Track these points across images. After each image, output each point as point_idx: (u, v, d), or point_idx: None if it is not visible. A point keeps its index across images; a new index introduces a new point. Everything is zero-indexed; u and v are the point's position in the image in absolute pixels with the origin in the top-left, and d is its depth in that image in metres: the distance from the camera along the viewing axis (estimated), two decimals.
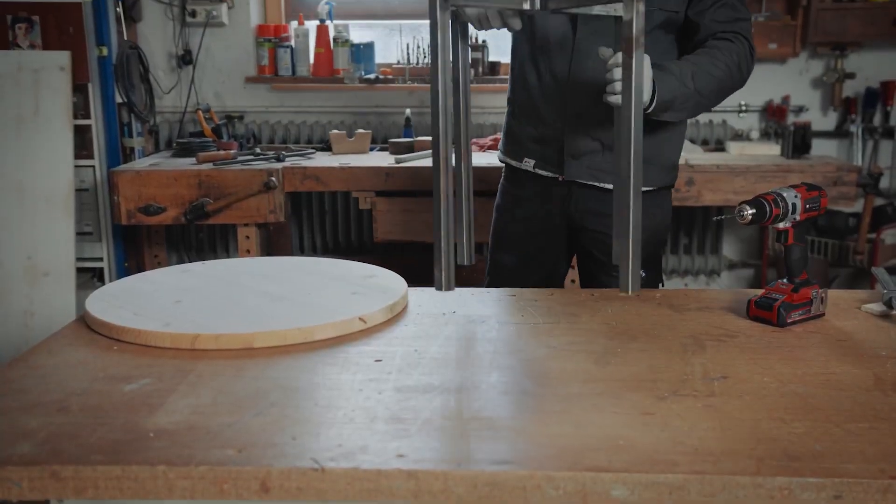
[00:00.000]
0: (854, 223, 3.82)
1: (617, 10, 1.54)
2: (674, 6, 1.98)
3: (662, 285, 2.22)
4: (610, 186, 2.06)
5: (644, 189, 2.06)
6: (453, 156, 1.64)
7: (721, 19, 1.97)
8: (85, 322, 1.49)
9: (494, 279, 2.25)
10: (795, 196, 1.53)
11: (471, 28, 1.88)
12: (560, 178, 2.11)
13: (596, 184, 2.08)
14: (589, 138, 2.05)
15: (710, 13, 1.97)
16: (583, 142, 2.06)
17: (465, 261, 1.76)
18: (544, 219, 2.16)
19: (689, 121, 4.00)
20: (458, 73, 1.70)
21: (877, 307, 1.59)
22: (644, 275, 2.06)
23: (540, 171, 2.13)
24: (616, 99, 1.69)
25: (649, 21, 1.91)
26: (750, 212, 1.50)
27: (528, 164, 2.14)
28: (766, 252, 4.08)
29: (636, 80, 1.41)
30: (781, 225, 1.55)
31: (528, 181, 2.15)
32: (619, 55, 1.60)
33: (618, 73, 1.68)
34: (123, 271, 3.79)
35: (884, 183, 3.98)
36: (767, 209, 1.50)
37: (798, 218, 1.54)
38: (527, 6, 1.60)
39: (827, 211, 3.55)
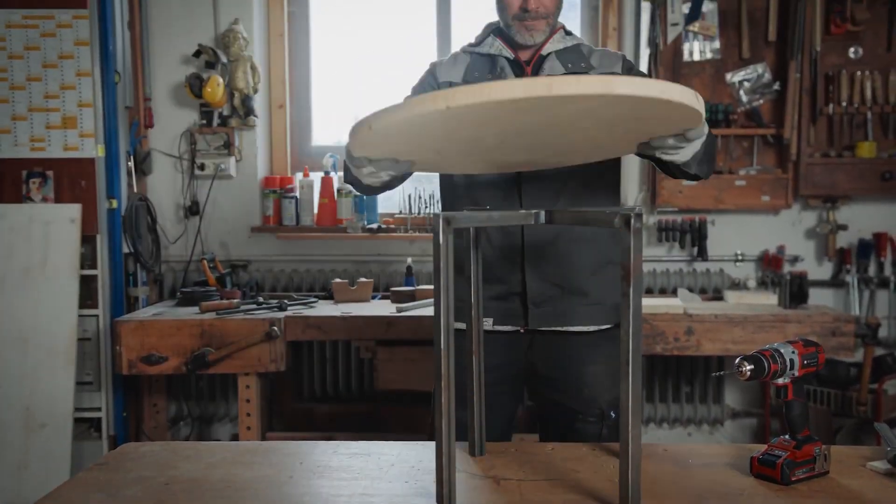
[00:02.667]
0: (855, 373, 3.81)
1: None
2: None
3: None
4: (574, 329, 2.08)
5: (602, 327, 2.10)
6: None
7: None
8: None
9: None
10: (793, 352, 1.55)
11: None
12: (521, 330, 2.11)
13: (559, 328, 2.09)
14: (549, 284, 2.07)
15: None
16: (544, 288, 2.07)
17: (476, 452, 1.73)
18: (502, 369, 2.11)
19: (686, 269, 4.10)
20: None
21: (882, 465, 1.57)
22: (613, 416, 2.06)
23: (500, 328, 2.11)
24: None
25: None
26: (749, 367, 1.52)
27: (487, 323, 2.10)
28: (768, 401, 4.06)
29: (634, 306, 1.42)
30: (780, 381, 1.56)
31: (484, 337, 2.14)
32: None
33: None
34: (122, 421, 3.76)
35: (882, 332, 4.00)
36: (766, 365, 1.52)
37: (796, 374, 1.55)
38: (530, 221, 1.66)
39: (827, 360, 3.56)
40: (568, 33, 2.15)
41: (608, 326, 2.11)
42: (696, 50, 4.03)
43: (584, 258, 2.08)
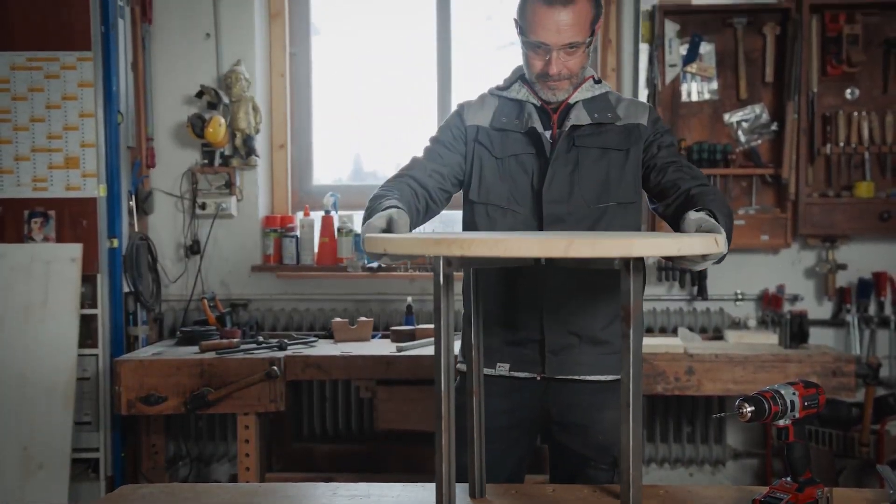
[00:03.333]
0: (857, 413, 3.79)
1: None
2: (630, 196, 2.08)
3: None
4: (591, 378, 2.07)
5: (618, 377, 2.08)
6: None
7: (687, 176, 2.02)
8: None
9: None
10: (793, 393, 1.55)
11: None
12: (538, 378, 2.10)
13: (576, 377, 2.08)
14: (566, 332, 2.07)
15: (671, 174, 2.03)
16: (561, 337, 2.07)
17: (477, 493, 1.73)
18: (516, 413, 2.11)
19: (686, 308, 4.10)
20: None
21: None
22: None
23: (516, 374, 2.11)
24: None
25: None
26: (749, 409, 1.52)
27: (503, 368, 2.11)
28: (769, 442, 4.03)
29: (634, 351, 1.44)
30: (781, 422, 1.55)
31: (497, 383, 2.11)
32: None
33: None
34: (120, 462, 3.73)
35: (884, 372, 3.99)
36: (766, 407, 1.52)
37: (797, 415, 1.55)
38: (530, 262, 1.68)
39: (829, 401, 3.54)
40: (598, 82, 2.15)
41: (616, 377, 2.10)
42: (695, 90, 4.06)
43: (603, 307, 2.08)
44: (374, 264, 4.04)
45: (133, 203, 3.92)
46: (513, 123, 2.11)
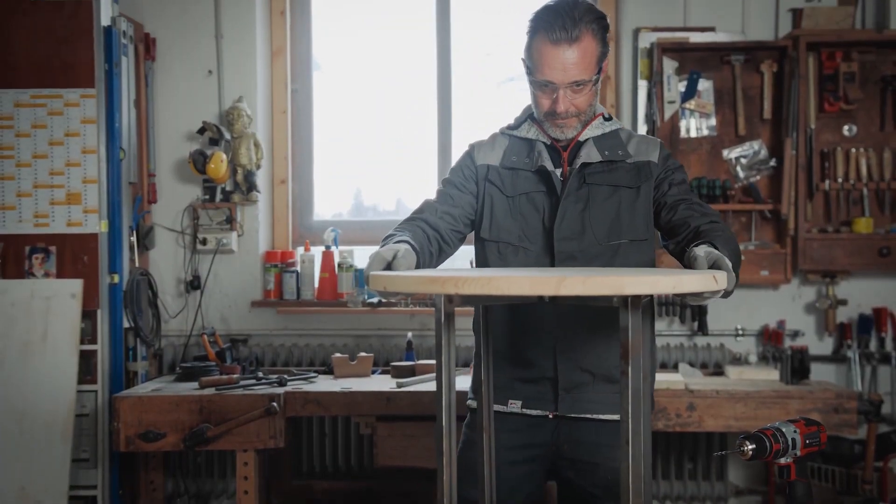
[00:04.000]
0: (860, 450, 3.77)
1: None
2: (642, 234, 2.09)
3: None
4: (604, 417, 2.06)
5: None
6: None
7: (698, 214, 2.03)
8: None
9: None
10: (794, 431, 1.55)
11: None
12: (550, 416, 2.09)
13: (589, 416, 2.07)
14: (580, 370, 2.06)
15: (682, 212, 2.05)
16: (575, 375, 2.06)
17: None
18: (528, 450, 2.10)
19: (686, 344, 4.09)
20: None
21: None
22: None
23: (528, 411, 2.10)
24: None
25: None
26: (750, 447, 1.52)
27: (515, 405, 2.10)
28: (772, 479, 4.00)
29: (634, 388, 1.44)
30: (783, 460, 1.55)
31: (509, 420, 2.10)
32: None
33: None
34: (117, 500, 3.70)
35: (886, 409, 3.97)
36: (767, 445, 1.52)
37: (799, 453, 1.55)
38: (534, 300, 1.69)
39: (831, 438, 3.52)
40: (608, 119, 2.16)
41: None
42: (693, 127, 4.09)
43: (616, 345, 2.06)
44: (375, 299, 4.04)
45: (134, 238, 3.93)
46: (523, 162, 2.12)
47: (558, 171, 2.11)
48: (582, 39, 1.97)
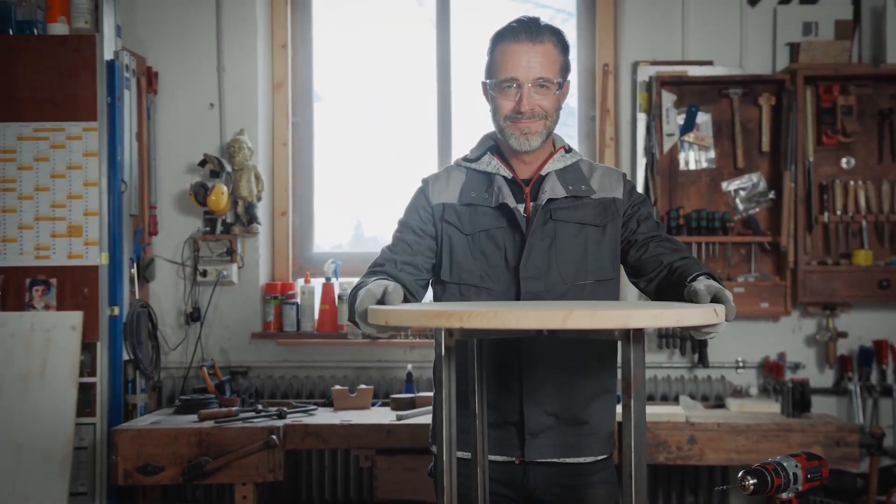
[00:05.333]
0: (862, 484, 3.75)
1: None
2: (608, 273, 2.05)
3: None
4: (570, 460, 2.01)
5: (599, 458, 2.03)
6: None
7: (668, 250, 2.01)
8: None
9: None
10: (796, 465, 1.54)
11: None
12: (516, 461, 2.02)
13: (556, 460, 2.01)
14: (547, 414, 1.99)
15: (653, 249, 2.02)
16: (541, 419, 1.99)
17: None
18: (498, 497, 2.02)
19: (687, 376, 4.08)
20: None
21: None
22: None
23: (493, 458, 1.99)
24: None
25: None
26: (752, 482, 1.51)
27: None
28: None
29: (636, 420, 1.44)
30: (784, 495, 1.54)
31: (471, 467, 1.97)
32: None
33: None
34: None
35: (888, 442, 3.95)
36: (769, 479, 1.51)
37: (800, 488, 1.54)
38: (532, 333, 1.69)
39: (833, 471, 3.50)
40: (568, 151, 2.11)
41: (604, 457, 2.05)
42: (692, 159, 4.11)
43: (583, 386, 2.02)
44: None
45: (135, 270, 3.93)
46: (482, 198, 2.04)
47: (521, 207, 2.02)
48: (545, 43, 1.99)
